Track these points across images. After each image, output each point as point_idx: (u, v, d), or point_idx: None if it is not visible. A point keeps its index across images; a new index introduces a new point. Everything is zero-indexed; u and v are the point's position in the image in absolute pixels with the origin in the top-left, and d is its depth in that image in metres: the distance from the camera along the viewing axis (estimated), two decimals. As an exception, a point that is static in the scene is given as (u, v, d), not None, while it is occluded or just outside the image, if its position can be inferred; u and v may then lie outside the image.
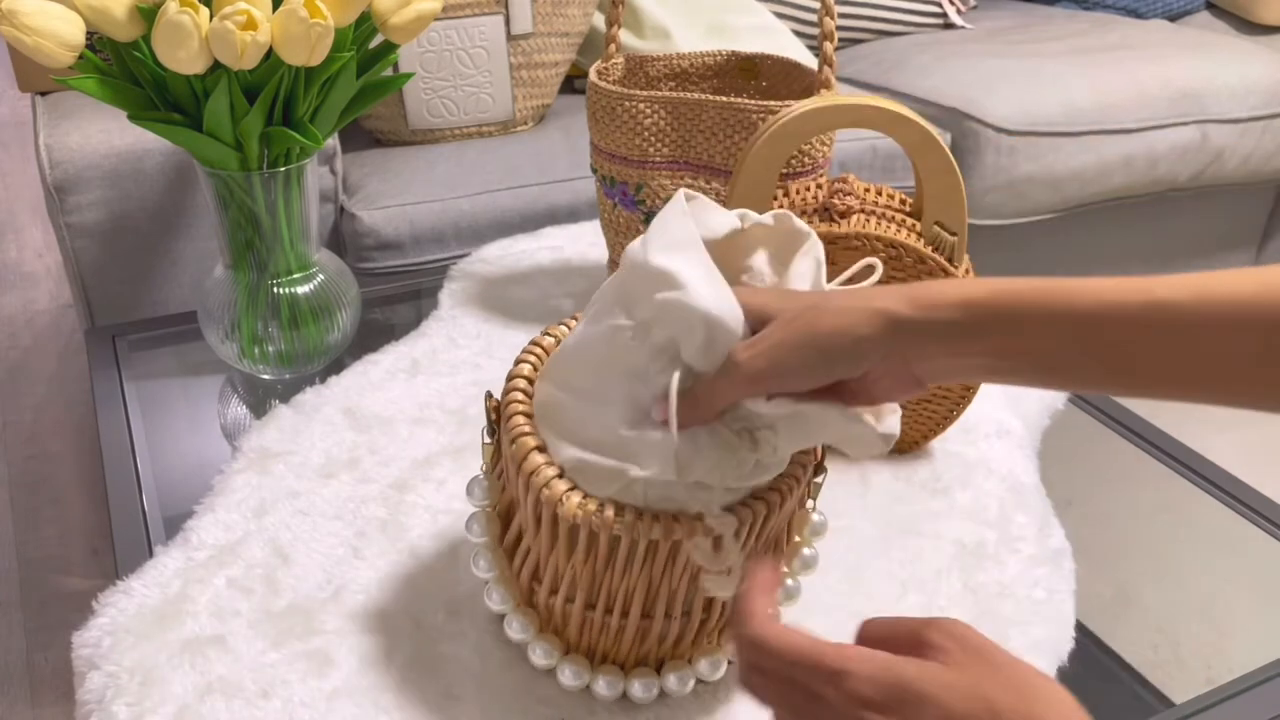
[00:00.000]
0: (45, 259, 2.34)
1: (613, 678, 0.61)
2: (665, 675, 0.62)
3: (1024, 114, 1.66)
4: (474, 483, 0.62)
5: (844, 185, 0.79)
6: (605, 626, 0.59)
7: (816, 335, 0.49)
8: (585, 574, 0.57)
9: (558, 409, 0.57)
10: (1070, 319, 0.45)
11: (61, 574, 1.50)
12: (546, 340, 0.62)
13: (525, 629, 0.62)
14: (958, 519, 0.80)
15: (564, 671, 0.61)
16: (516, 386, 0.59)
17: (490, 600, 0.62)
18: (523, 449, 0.56)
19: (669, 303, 0.51)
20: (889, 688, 0.41)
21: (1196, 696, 0.68)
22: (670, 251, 0.52)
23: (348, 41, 0.83)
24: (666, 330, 0.52)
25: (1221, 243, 2.03)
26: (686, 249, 0.52)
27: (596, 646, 0.61)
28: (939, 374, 0.49)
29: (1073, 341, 0.46)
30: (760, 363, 0.50)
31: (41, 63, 0.76)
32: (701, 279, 0.51)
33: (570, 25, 1.56)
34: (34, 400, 1.87)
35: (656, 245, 0.52)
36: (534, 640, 0.62)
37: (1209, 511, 0.86)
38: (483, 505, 0.62)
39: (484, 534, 0.62)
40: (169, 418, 0.93)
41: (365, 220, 1.34)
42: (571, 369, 0.57)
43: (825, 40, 0.90)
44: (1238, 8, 2.17)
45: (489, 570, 0.62)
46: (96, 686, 0.63)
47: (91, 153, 1.20)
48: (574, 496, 0.55)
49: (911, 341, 0.48)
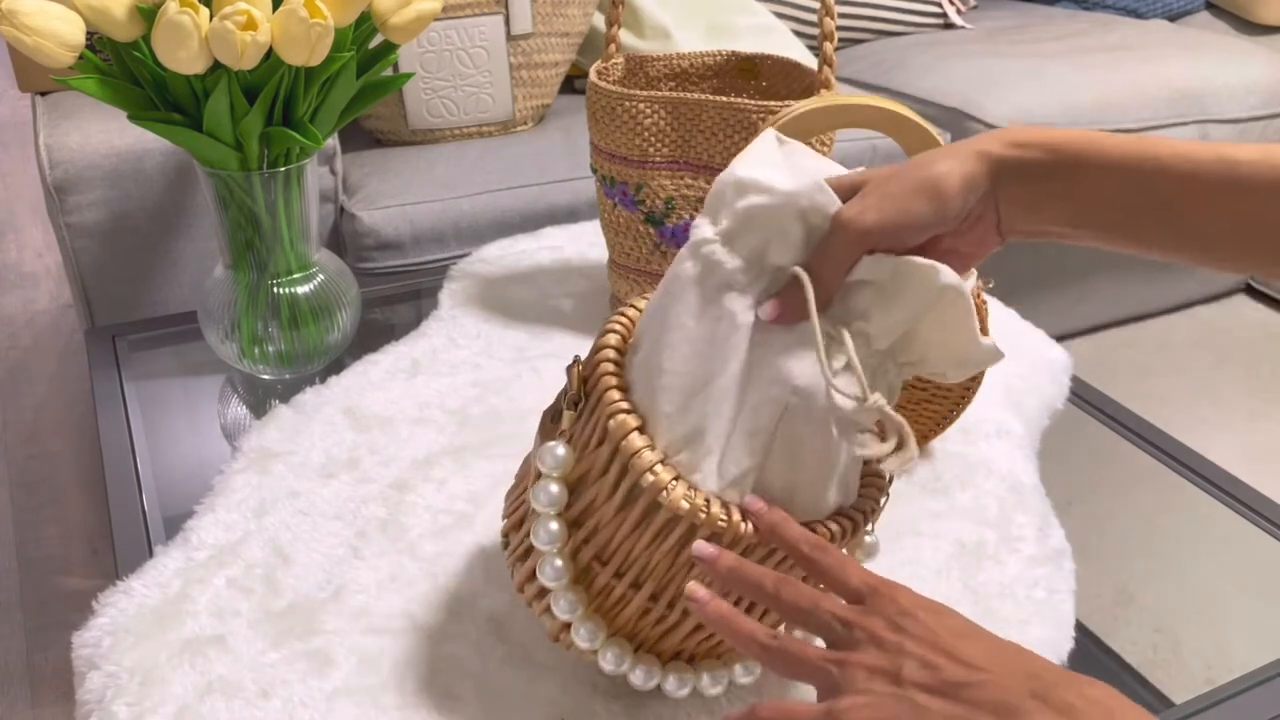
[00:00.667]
0: (45, 259, 2.34)
1: (650, 668, 0.60)
2: (700, 674, 0.61)
3: (1024, 114, 1.66)
4: (547, 449, 0.57)
5: (844, 185, 0.79)
6: (661, 619, 0.58)
7: (925, 179, 0.50)
8: (662, 565, 0.55)
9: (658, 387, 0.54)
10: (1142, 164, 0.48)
11: (61, 574, 1.51)
12: (631, 311, 0.60)
13: (573, 608, 0.59)
14: (957, 519, 0.80)
15: (605, 656, 0.59)
16: (607, 356, 0.56)
17: (542, 573, 0.58)
18: (623, 428, 0.53)
19: (755, 207, 0.51)
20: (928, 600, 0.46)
21: (1196, 696, 0.68)
22: (754, 166, 0.52)
23: (348, 41, 0.83)
24: (755, 236, 0.52)
25: (1221, 243, 2.03)
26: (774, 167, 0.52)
27: (640, 636, 0.60)
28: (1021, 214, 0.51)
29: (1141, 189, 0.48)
30: (871, 215, 0.50)
31: (41, 63, 0.76)
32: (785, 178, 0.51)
33: (570, 25, 1.56)
34: (34, 400, 1.87)
35: (741, 164, 0.52)
36: (580, 620, 0.59)
37: (1209, 511, 0.86)
38: (554, 473, 0.58)
39: (553, 504, 0.58)
40: (169, 418, 0.93)
41: (365, 220, 1.34)
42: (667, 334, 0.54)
43: (825, 40, 0.90)
44: (1238, 8, 2.18)
45: (550, 542, 0.58)
46: (96, 686, 0.63)
47: (91, 153, 1.20)
48: (679, 487, 0.52)
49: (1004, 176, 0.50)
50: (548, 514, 0.58)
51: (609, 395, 0.55)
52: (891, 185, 0.51)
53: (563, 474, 0.58)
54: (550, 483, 0.57)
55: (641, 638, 0.60)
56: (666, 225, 0.96)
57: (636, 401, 0.55)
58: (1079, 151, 0.49)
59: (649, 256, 0.98)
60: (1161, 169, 0.48)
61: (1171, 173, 0.48)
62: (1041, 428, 0.92)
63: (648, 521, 0.54)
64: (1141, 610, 0.78)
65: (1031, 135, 0.50)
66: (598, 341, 0.58)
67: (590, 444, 0.56)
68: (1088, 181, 0.49)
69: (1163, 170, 0.48)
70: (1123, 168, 0.48)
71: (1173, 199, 0.48)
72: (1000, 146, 0.50)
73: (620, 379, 0.56)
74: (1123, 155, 0.49)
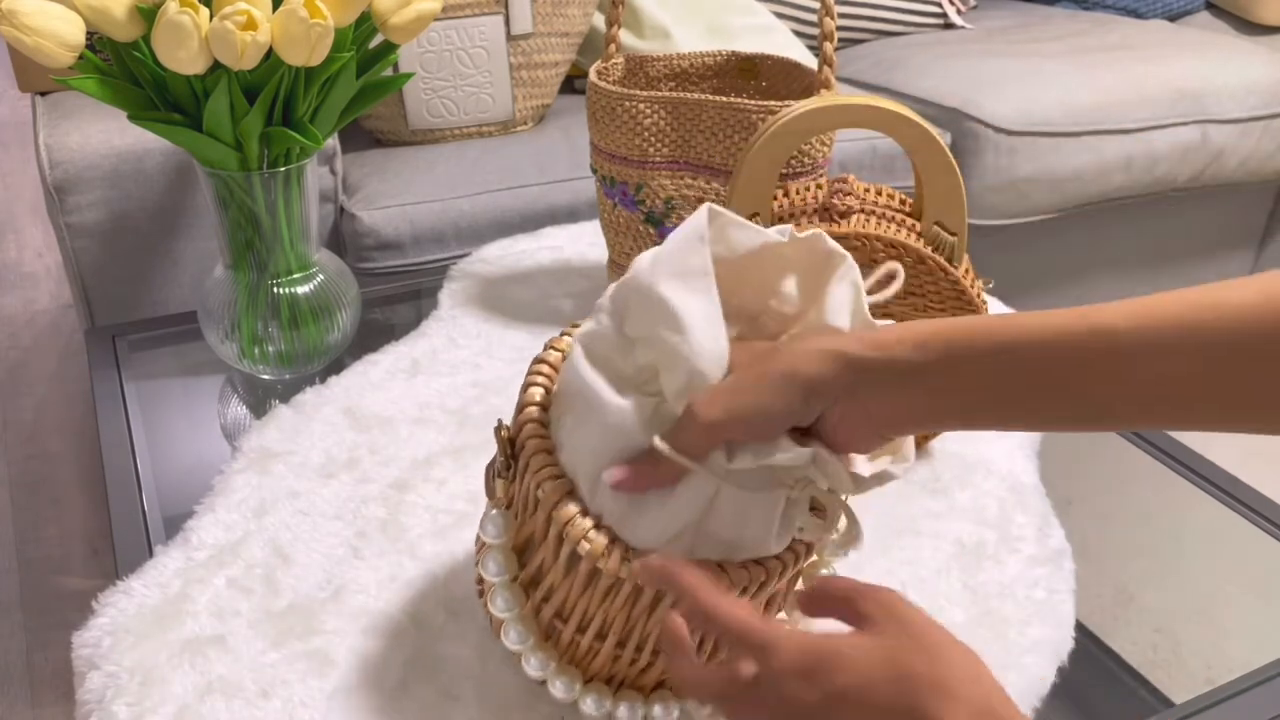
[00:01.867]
0: (45, 259, 2.34)
1: (634, 704, 0.60)
2: (685, 700, 0.61)
3: (1024, 114, 1.66)
4: (488, 519, 0.58)
5: (844, 185, 0.79)
6: (633, 662, 0.58)
7: (770, 378, 0.49)
8: (620, 618, 0.55)
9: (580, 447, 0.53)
10: (1017, 348, 0.46)
11: (61, 574, 1.51)
12: (552, 355, 0.59)
13: (545, 665, 0.59)
14: (957, 519, 0.80)
15: (586, 702, 0.59)
16: (531, 416, 0.55)
17: (507, 638, 0.59)
18: (553, 495, 0.53)
19: (661, 341, 0.50)
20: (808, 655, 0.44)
21: (1196, 696, 0.68)
22: (679, 281, 0.50)
23: (348, 41, 0.83)
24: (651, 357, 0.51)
25: (1221, 243, 2.03)
26: (696, 280, 0.50)
27: (618, 676, 0.60)
28: (895, 418, 0.49)
29: (1022, 372, 0.46)
30: (716, 410, 0.49)
31: (41, 63, 0.76)
32: (700, 322, 0.50)
33: (570, 25, 1.56)
34: (34, 400, 1.87)
35: (666, 270, 0.50)
36: (553, 675, 0.59)
37: (1209, 511, 0.86)
38: (499, 542, 0.58)
39: (503, 571, 0.58)
40: (169, 418, 0.93)
41: (365, 220, 1.34)
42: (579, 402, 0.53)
43: (825, 40, 0.90)
44: (1238, 8, 2.18)
45: (508, 609, 0.58)
46: (96, 686, 0.63)
47: (91, 153, 1.20)
48: (616, 551, 0.52)
49: (866, 380, 0.48)
50: (501, 581, 0.58)
51: (536, 460, 0.54)
52: (743, 378, 0.50)
53: (506, 541, 0.58)
54: (496, 552, 0.58)
55: (620, 678, 0.60)
56: (666, 225, 0.96)
57: (565, 461, 0.54)
58: (948, 342, 0.47)
59: (649, 256, 0.98)
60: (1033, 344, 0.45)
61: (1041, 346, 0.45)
62: (1041, 428, 0.92)
63: (594, 583, 0.54)
64: (1141, 610, 0.78)
65: (896, 334, 0.48)
66: (521, 398, 0.57)
67: (528, 507, 0.56)
68: (964, 369, 0.46)
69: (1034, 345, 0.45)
70: (993, 349, 0.46)
71: (1053, 375, 0.45)
72: (860, 347, 0.48)
73: (546, 439, 0.55)
74: (990, 336, 0.46)
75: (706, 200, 0.94)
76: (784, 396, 0.48)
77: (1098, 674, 0.72)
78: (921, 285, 0.78)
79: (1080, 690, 0.70)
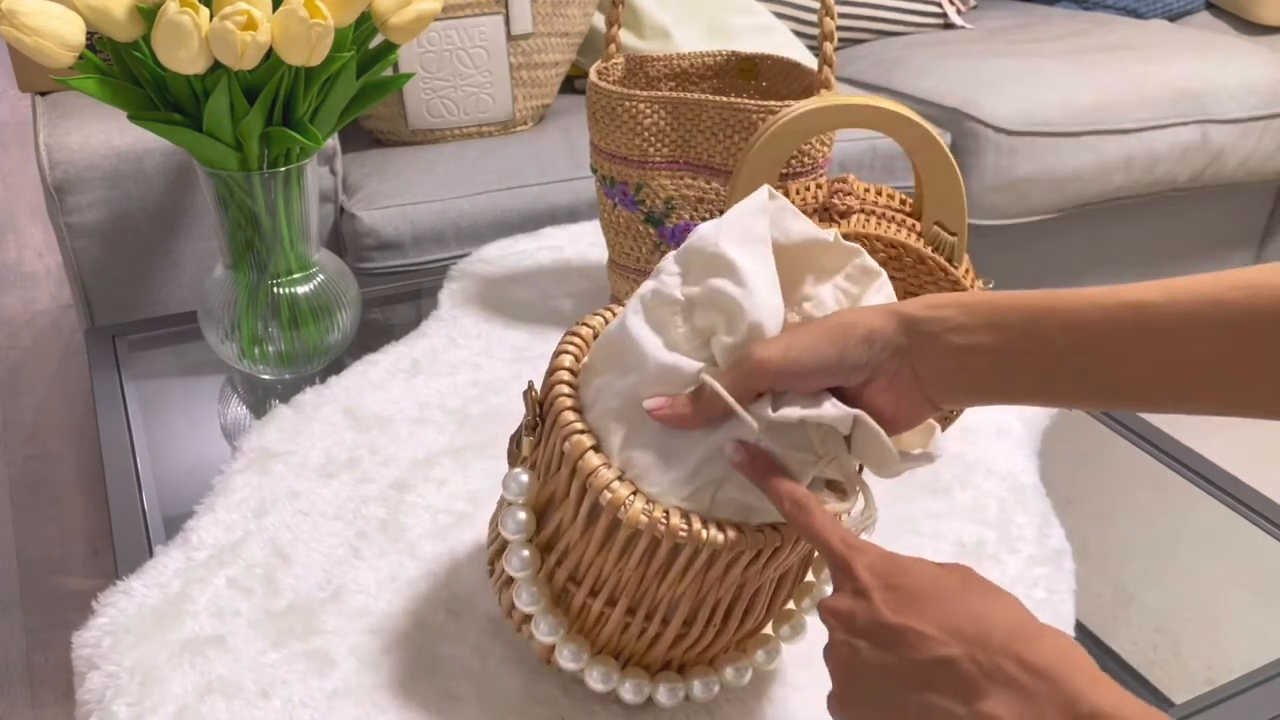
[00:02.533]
0: (45, 259, 2.34)
1: (639, 681, 0.60)
2: (690, 681, 0.61)
3: (1024, 114, 1.66)
4: (510, 477, 0.59)
5: (844, 185, 0.79)
6: (642, 632, 0.58)
7: (834, 326, 0.51)
8: (633, 580, 0.56)
9: (612, 405, 0.54)
10: (1060, 316, 0.47)
11: (61, 574, 1.51)
12: (584, 330, 0.60)
13: (554, 630, 0.59)
14: (957, 519, 0.80)
15: (592, 674, 0.60)
16: (561, 379, 0.57)
17: (519, 599, 0.59)
18: (578, 448, 0.54)
19: (723, 294, 0.51)
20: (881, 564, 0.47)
21: (1196, 696, 0.68)
22: (740, 243, 0.52)
23: (348, 41, 0.83)
24: (709, 317, 0.52)
25: (1221, 243, 2.03)
26: (756, 246, 0.52)
27: (625, 650, 0.60)
28: (942, 381, 0.50)
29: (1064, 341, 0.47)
30: (773, 349, 0.50)
31: (41, 63, 0.76)
32: (762, 281, 0.52)
33: (570, 25, 1.56)
34: (34, 400, 1.87)
35: (729, 233, 0.52)
36: (563, 642, 0.59)
37: (1209, 511, 0.86)
38: (518, 499, 0.59)
39: (521, 529, 0.59)
40: (169, 418, 0.93)
41: (365, 220, 1.34)
42: (622, 359, 0.55)
43: (825, 40, 0.90)
44: (1238, 8, 2.18)
45: (523, 568, 0.59)
46: (96, 686, 0.63)
47: (91, 153, 1.20)
48: (638, 502, 0.52)
49: (918, 338, 0.50)
50: (518, 540, 0.59)
51: (564, 417, 0.55)
52: (806, 328, 0.52)
53: (527, 500, 0.58)
54: (517, 510, 0.58)
55: (627, 652, 0.60)
56: (666, 225, 0.96)
57: (593, 421, 0.55)
58: (992, 306, 0.49)
59: (649, 256, 0.98)
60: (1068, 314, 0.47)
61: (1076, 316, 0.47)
62: (1041, 428, 0.92)
63: (612, 539, 0.55)
64: (1141, 610, 0.78)
65: (947, 297, 0.50)
66: (552, 363, 0.58)
67: (551, 467, 0.57)
68: (1005, 331, 0.48)
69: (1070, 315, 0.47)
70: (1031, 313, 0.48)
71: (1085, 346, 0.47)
72: (917, 308, 0.50)
73: (575, 400, 0.56)
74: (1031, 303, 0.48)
75: (706, 200, 0.94)
76: (840, 343, 0.50)
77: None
78: (921, 285, 0.78)
79: (1080, 690, 0.70)
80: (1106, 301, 0.47)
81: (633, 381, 0.54)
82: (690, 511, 0.53)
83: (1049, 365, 0.48)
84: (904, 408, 0.52)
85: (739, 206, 0.54)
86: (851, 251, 0.56)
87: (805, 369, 0.50)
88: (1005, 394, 0.50)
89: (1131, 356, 0.46)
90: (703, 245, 0.53)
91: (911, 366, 0.50)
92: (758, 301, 0.51)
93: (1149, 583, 0.81)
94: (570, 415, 0.55)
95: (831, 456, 0.52)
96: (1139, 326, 0.46)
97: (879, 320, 0.50)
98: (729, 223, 0.53)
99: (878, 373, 0.51)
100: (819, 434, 0.52)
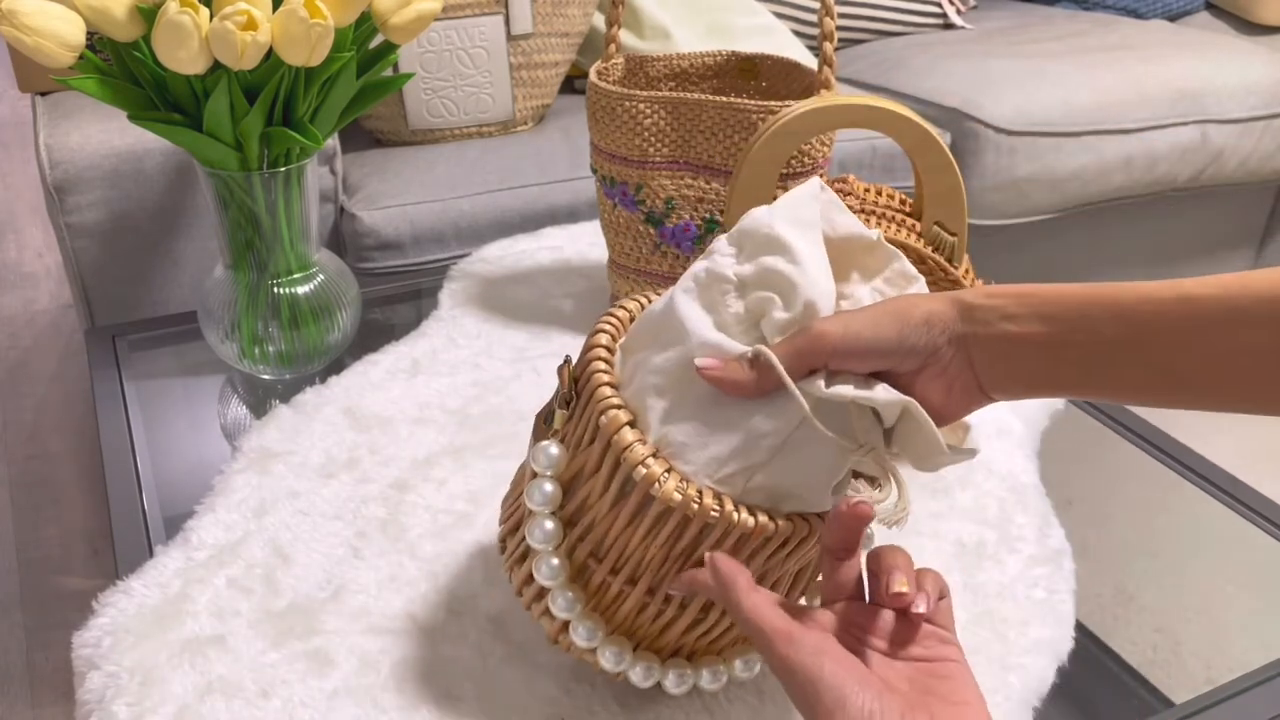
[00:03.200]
0: (45, 259, 2.34)
1: (650, 665, 0.60)
2: (700, 670, 0.61)
3: (1024, 114, 1.66)
4: (540, 450, 0.58)
5: (844, 185, 0.79)
6: (659, 614, 0.58)
7: (895, 308, 0.51)
8: (657, 558, 0.55)
9: (650, 381, 0.54)
10: (1111, 307, 0.48)
11: (61, 574, 1.51)
12: (621, 312, 0.60)
13: (571, 606, 0.59)
14: (958, 519, 0.80)
15: (604, 654, 0.59)
16: (598, 355, 0.56)
17: (538, 572, 0.58)
18: (614, 423, 0.54)
19: (778, 272, 0.52)
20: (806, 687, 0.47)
21: (1196, 696, 0.68)
22: (794, 226, 0.53)
23: (348, 41, 0.83)
24: (762, 295, 0.53)
25: (1221, 243, 2.03)
26: (809, 230, 0.53)
27: (638, 633, 0.60)
28: (997, 371, 0.51)
29: (1113, 332, 0.47)
30: (833, 324, 0.51)
31: (41, 63, 0.76)
32: (816, 263, 0.52)
33: (570, 25, 1.56)
34: (34, 400, 1.87)
35: (783, 216, 0.53)
36: (579, 619, 0.59)
37: (1209, 511, 0.86)
38: (547, 472, 0.58)
39: (546, 503, 0.58)
40: (169, 418, 0.93)
41: (365, 220, 1.34)
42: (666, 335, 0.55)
43: (825, 40, 0.90)
44: (1238, 8, 2.18)
45: (545, 541, 0.58)
46: (96, 686, 0.63)
47: (91, 153, 1.20)
48: (672, 479, 0.52)
49: (974, 325, 0.50)
50: (542, 512, 0.58)
51: (600, 392, 0.55)
52: (864, 309, 0.52)
53: (556, 473, 0.58)
54: (544, 481, 0.58)
55: (640, 635, 0.60)
56: (666, 225, 0.96)
57: (629, 399, 0.55)
58: (1046, 295, 0.49)
59: (649, 256, 0.98)
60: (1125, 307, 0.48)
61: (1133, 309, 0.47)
62: (1041, 428, 0.92)
63: (641, 516, 0.54)
64: (1141, 610, 0.78)
65: (1001, 288, 0.51)
66: (589, 340, 0.58)
67: (583, 442, 0.56)
68: (1060, 321, 0.49)
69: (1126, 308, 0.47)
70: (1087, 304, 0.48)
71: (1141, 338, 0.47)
72: (974, 295, 0.51)
73: (611, 376, 0.56)
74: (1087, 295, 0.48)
75: (706, 200, 0.94)
76: (900, 324, 0.51)
77: (1098, 674, 0.72)
78: (921, 285, 0.78)
79: (1080, 690, 0.70)
80: (1159, 294, 0.47)
81: (674, 357, 0.54)
82: (723, 494, 0.53)
83: (1099, 355, 0.48)
84: (955, 396, 0.52)
85: (792, 193, 0.55)
86: (892, 255, 0.57)
87: (865, 347, 0.51)
88: (1055, 384, 0.50)
89: (1180, 347, 0.46)
90: (756, 227, 0.54)
91: (967, 353, 0.51)
92: (813, 280, 0.52)
93: (1149, 583, 0.81)
94: (607, 390, 0.55)
95: (870, 447, 0.52)
96: (1188, 318, 0.46)
97: (938, 305, 0.51)
98: (782, 206, 0.54)
99: (933, 359, 0.51)
100: (863, 423, 0.52)
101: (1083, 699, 0.71)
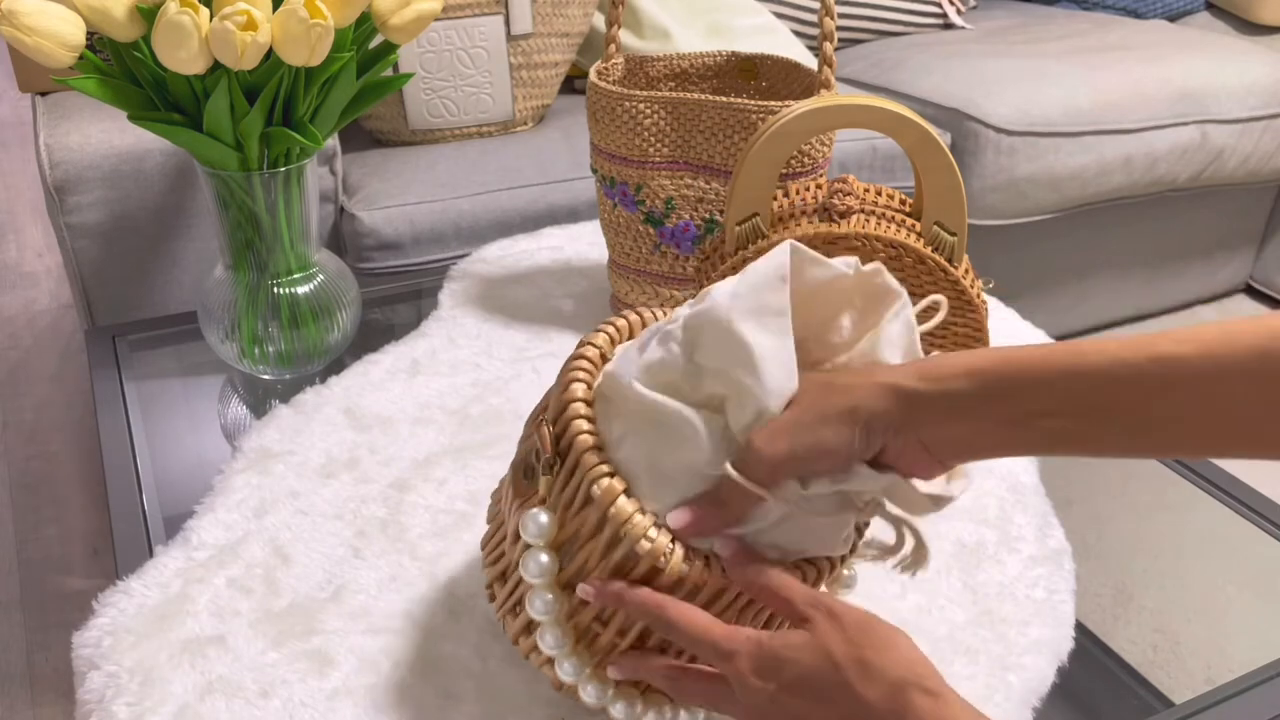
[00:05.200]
0: (45, 259, 2.34)
1: (661, 708, 0.59)
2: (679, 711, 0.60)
3: (1024, 114, 1.66)
4: (529, 518, 0.55)
5: (844, 185, 0.79)
6: None
7: (830, 415, 0.49)
8: None
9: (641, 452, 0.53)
10: (1079, 378, 0.46)
11: (61, 574, 1.50)
12: (591, 351, 0.57)
13: (579, 670, 0.58)
14: (957, 519, 0.80)
15: (616, 708, 0.58)
16: (577, 413, 0.54)
17: (543, 642, 0.57)
18: (609, 494, 0.52)
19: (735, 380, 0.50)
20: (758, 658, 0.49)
21: (1196, 696, 0.68)
22: (756, 319, 0.50)
23: (348, 41, 0.83)
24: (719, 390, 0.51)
25: (1221, 243, 2.03)
26: (772, 320, 0.51)
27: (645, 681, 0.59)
28: (953, 448, 0.49)
29: (1083, 402, 0.46)
30: (780, 448, 0.49)
31: (41, 63, 0.76)
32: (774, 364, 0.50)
33: (570, 25, 1.56)
34: (34, 400, 1.87)
35: (744, 307, 0.50)
36: (587, 680, 0.58)
37: (1209, 511, 0.86)
38: (538, 542, 0.56)
39: (543, 574, 0.56)
40: (169, 418, 0.93)
41: (365, 220, 1.34)
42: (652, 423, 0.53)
43: (825, 40, 0.90)
44: (1238, 8, 2.18)
45: (547, 611, 0.56)
46: (96, 686, 0.63)
47: (91, 153, 1.20)
48: (678, 550, 0.52)
49: (921, 414, 0.48)
50: (541, 584, 0.56)
51: (587, 459, 0.53)
52: (799, 413, 0.50)
53: (548, 541, 0.56)
54: (539, 553, 0.56)
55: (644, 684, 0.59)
56: (666, 225, 0.96)
57: (620, 462, 0.53)
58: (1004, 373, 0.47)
59: (649, 256, 0.98)
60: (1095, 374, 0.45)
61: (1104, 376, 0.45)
62: (1041, 428, 0.92)
63: (650, 584, 0.53)
64: (1141, 610, 0.78)
65: (951, 365, 0.48)
66: (563, 395, 0.55)
67: (574, 506, 0.54)
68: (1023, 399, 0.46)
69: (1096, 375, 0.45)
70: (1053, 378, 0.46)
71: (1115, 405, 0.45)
72: (914, 380, 0.48)
73: (595, 436, 0.54)
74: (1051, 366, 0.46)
75: (706, 200, 0.94)
76: (845, 434, 0.49)
77: (1098, 674, 0.72)
78: (921, 285, 0.78)
79: (1080, 690, 0.70)
80: (1131, 357, 0.45)
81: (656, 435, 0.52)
82: None
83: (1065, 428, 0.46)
84: (918, 469, 0.50)
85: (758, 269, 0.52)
86: (870, 274, 0.54)
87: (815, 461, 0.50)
88: (1021, 451, 0.49)
89: (1156, 409, 0.45)
90: (715, 319, 0.51)
91: (917, 438, 0.49)
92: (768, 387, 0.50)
93: (1149, 583, 0.81)
94: (595, 455, 0.53)
95: (873, 507, 0.53)
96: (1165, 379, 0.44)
97: (878, 403, 0.49)
98: (745, 292, 0.51)
99: (885, 447, 0.50)
100: (855, 491, 0.52)
101: (1083, 699, 0.71)
